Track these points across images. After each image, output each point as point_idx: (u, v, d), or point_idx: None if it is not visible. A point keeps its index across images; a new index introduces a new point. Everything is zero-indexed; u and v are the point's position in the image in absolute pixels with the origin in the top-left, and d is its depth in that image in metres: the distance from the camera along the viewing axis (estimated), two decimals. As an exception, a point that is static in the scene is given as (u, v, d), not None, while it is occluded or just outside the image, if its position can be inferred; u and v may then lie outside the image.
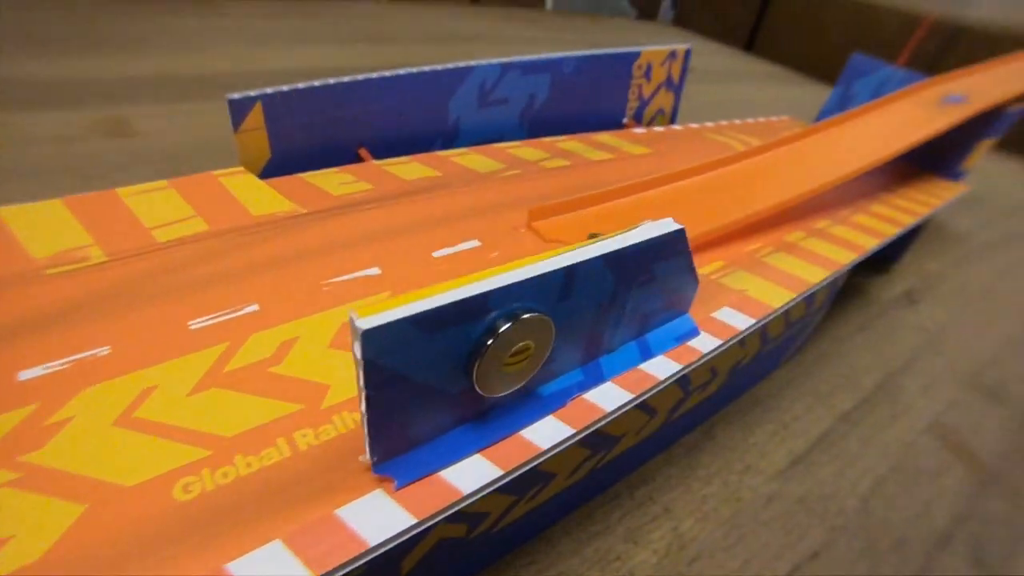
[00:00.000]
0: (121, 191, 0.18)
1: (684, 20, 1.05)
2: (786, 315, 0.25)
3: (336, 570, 0.10)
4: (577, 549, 0.19)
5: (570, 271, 0.11)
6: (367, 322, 0.09)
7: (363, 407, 0.10)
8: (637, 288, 0.14)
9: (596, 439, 0.17)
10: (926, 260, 0.41)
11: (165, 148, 0.36)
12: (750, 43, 0.89)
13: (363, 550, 0.10)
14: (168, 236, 0.17)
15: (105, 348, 0.13)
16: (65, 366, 0.13)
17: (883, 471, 0.25)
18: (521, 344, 0.11)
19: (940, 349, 0.33)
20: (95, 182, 0.32)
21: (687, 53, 0.35)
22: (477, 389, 0.11)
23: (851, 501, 0.23)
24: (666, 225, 0.14)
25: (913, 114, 0.29)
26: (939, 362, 0.32)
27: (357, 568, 0.12)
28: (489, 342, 0.10)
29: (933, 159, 0.33)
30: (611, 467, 0.20)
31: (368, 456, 0.11)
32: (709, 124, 0.36)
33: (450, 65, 0.25)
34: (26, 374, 0.13)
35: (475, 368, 0.10)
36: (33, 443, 0.11)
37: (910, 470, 0.25)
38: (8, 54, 0.45)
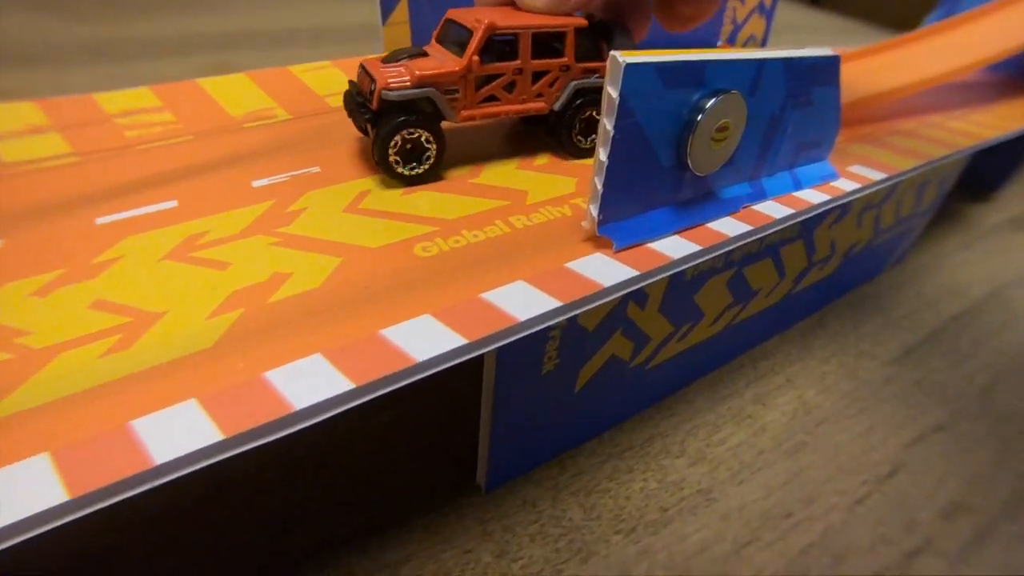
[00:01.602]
0: (293, 68, 0.20)
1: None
2: (897, 207, 0.25)
3: (578, 304, 0.11)
4: (712, 407, 0.20)
5: (761, 64, 0.12)
6: (629, 59, 0.10)
7: (603, 156, 0.11)
8: (799, 109, 0.15)
9: (739, 286, 0.18)
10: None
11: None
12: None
13: (599, 290, 0.11)
14: (339, 103, 0.19)
15: (315, 167, 0.15)
16: (286, 179, 0.15)
17: (1001, 367, 0.25)
18: (723, 121, 0.12)
19: (1053, 271, 0.32)
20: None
21: (781, -24, 0.35)
22: (688, 161, 0.12)
23: (970, 389, 0.23)
24: (825, 50, 0.15)
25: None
26: (1052, 281, 0.31)
27: (555, 355, 0.14)
28: (699, 116, 0.11)
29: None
30: (741, 329, 0.20)
31: (594, 216, 0.12)
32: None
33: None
34: (258, 183, 0.14)
35: (689, 139, 0.12)
36: (282, 222, 0.13)
37: (1030, 369, 0.25)
38: (118, 18, 0.49)
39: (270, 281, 0.11)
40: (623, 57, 0.10)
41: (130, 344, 0.10)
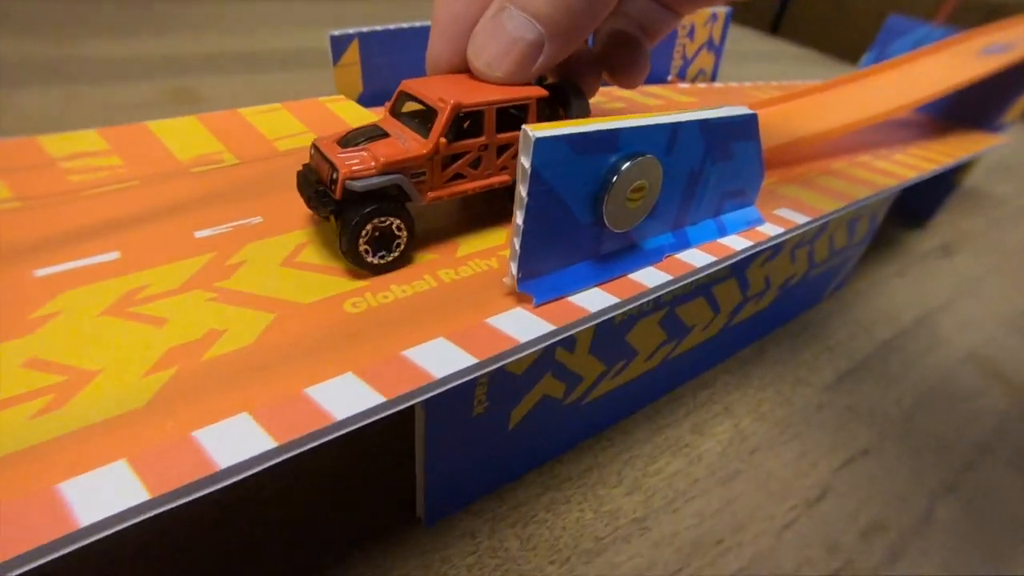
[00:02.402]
0: (243, 111, 0.20)
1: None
2: (830, 241, 0.26)
3: (494, 360, 0.12)
4: (649, 437, 0.21)
5: (675, 127, 0.13)
6: (539, 134, 0.11)
7: (519, 220, 0.12)
8: (719, 163, 0.16)
9: (672, 324, 0.19)
10: (962, 219, 0.42)
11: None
12: (775, 26, 0.90)
13: (515, 346, 0.12)
14: (287, 146, 0.19)
15: (258, 218, 0.16)
16: (228, 229, 0.15)
17: (924, 390, 0.26)
18: (638, 183, 0.13)
19: (976, 295, 0.34)
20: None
21: (728, 14, 0.36)
22: (604, 220, 0.13)
23: (895, 411, 0.25)
24: (742, 109, 0.16)
25: (955, 61, 0.30)
26: (975, 305, 0.33)
27: (484, 399, 0.14)
28: (614, 178, 0.12)
29: (973, 113, 0.34)
30: (679, 362, 0.21)
31: (514, 273, 0.12)
32: (748, 83, 0.38)
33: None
34: (200, 233, 0.15)
35: (605, 200, 0.12)
36: (220, 276, 0.13)
37: (950, 391, 0.27)
38: (81, 37, 0.48)
39: (205, 338, 0.12)
40: (533, 132, 0.11)
41: (63, 404, 0.10)
